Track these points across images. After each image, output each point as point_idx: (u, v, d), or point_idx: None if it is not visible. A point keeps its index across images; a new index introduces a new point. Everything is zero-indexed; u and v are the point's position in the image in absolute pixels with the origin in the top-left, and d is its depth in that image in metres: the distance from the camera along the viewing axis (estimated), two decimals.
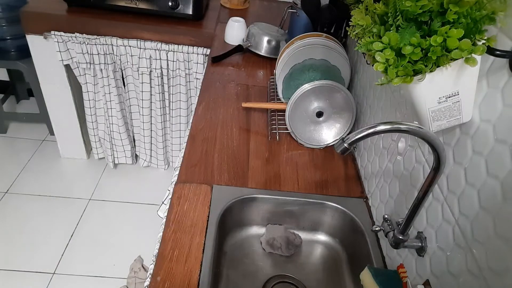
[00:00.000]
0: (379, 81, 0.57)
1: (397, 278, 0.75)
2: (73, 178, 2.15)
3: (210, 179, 0.99)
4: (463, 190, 0.62)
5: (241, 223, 1.01)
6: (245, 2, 2.02)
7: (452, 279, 0.62)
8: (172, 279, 0.76)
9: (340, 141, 0.59)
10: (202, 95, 1.31)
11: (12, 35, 2.00)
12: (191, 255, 0.81)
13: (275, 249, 0.98)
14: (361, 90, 1.16)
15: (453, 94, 0.58)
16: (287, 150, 1.14)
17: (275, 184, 1.01)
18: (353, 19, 0.60)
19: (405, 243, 0.73)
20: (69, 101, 1.96)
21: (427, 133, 0.57)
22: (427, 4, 0.52)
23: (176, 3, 1.68)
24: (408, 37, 0.53)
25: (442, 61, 0.53)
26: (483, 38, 0.52)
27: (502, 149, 0.54)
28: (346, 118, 1.15)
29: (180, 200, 0.92)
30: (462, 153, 0.63)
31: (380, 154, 0.96)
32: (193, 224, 0.87)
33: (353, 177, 1.08)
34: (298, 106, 1.12)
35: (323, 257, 1.01)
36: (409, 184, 0.80)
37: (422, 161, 0.75)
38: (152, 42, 1.71)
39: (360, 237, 0.93)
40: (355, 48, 0.61)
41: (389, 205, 0.88)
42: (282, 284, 0.93)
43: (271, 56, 1.55)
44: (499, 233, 0.53)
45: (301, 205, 0.99)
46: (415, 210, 0.68)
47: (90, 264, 1.74)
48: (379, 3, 0.58)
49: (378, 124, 0.57)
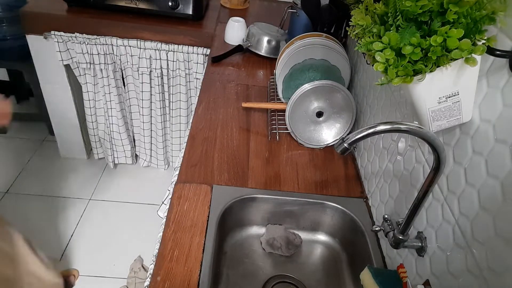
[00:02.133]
0: (379, 81, 0.57)
1: (397, 278, 0.75)
2: (73, 178, 2.15)
3: (210, 179, 0.99)
4: (463, 190, 0.62)
5: (241, 223, 1.01)
6: (245, 2, 2.02)
7: (452, 279, 0.62)
8: (172, 279, 0.76)
9: (340, 141, 0.59)
10: (202, 95, 1.31)
11: (12, 35, 2.00)
12: (191, 255, 0.81)
13: (275, 249, 0.98)
14: (361, 90, 1.16)
15: (453, 94, 0.58)
16: (287, 150, 1.14)
17: (275, 184, 1.01)
18: (353, 19, 0.60)
19: (405, 243, 0.73)
20: (69, 101, 1.96)
21: (427, 133, 0.57)
22: (427, 4, 0.52)
23: (176, 3, 1.68)
24: (408, 37, 0.53)
25: (442, 61, 0.53)
26: (483, 38, 0.52)
27: (502, 149, 0.54)
28: (346, 118, 1.15)
29: (180, 200, 0.92)
30: (462, 153, 0.63)
31: (380, 154, 0.96)
32: (193, 224, 0.87)
33: (353, 177, 1.08)
34: (298, 106, 1.12)
35: (323, 257, 1.01)
36: (409, 184, 0.80)
37: (422, 161, 0.75)
38: (152, 42, 1.70)
39: (360, 237, 0.93)
40: (355, 48, 0.61)
41: (389, 205, 0.88)
42: (282, 284, 0.93)
43: (271, 56, 1.55)
44: (499, 233, 0.53)
45: (301, 205, 0.99)
46: (415, 210, 0.68)
47: (90, 264, 1.74)
48: (379, 3, 0.58)
49: (378, 124, 0.57)
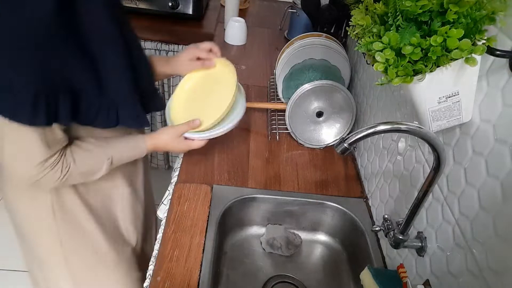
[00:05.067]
0: (379, 81, 0.57)
1: (397, 278, 0.75)
2: None
3: (210, 179, 0.99)
4: (463, 190, 0.62)
5: (241, 223, 1.01)
6: (245, 2, 2.02)
7: (452, 279, 0.62)
8: (172, 279, 0.76)
9: (340, 141, 0.59)
10: None
11: None
12: (191, 255, 0.81)
13: (275, 249, 0.98)
14: (361, 90, 1.16)
15: (453, 94, 0.58)
16: (287, 150, 1.14)
17: (275, 184, 1.01)
18: (353, 19, 0.60)
19: (405, 243, 0.73)
20: None
21: (427, 133, 0.57)
22: (427, 4, 0.52)
23: (176, 3, 1.68)
24: (408, 37, 0.53)
25: (442, 61, 0.53)
26: (483, 38, 0.52)
27: (502, 149, 0.54)
28: (346, 118, 1.15)
29: (180, 200, 0.92)
30: (462, 153, 0.63)
31: (380, 154, 0.96)
32: (193, 224, 0.87)
33: (353, 177, 1.08)
34: (298, 106, 1.12)
35: (323, 257, 1.01)
36: (409, 184, 0.80)
37: (422, 161, 0.75)
38: (152, 42, 1.70)
39: (360, 237, 0.93)
40: (355, 48, 0.61)
41: (389, 205, 0.88)
42: (282, 284, 0.93)
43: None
44: (499, 233, 0.53)
45: (301, 205, 0.99)
46: (415, 210, 0.68)
47: None
48: (379, 3, 0.58)
49: (378, 124, 0.57)
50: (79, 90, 0.67)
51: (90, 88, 0.69)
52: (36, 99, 0.60)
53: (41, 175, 0.70)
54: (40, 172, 0.69)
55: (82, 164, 0.75)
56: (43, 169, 0.69)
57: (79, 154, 0.74)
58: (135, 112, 0.80)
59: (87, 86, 0.69)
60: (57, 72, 0.63)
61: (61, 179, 0.73)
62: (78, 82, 0.67)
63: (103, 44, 0.69)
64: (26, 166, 0.69)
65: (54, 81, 0.62)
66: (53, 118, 0.64)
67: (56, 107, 0.64)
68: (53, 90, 0.63)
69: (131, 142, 0.84)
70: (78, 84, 0.67)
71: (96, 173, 0.78)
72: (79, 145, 0.75)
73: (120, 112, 0.76)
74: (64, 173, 0.72)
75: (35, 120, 0.62)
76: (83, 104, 0.69)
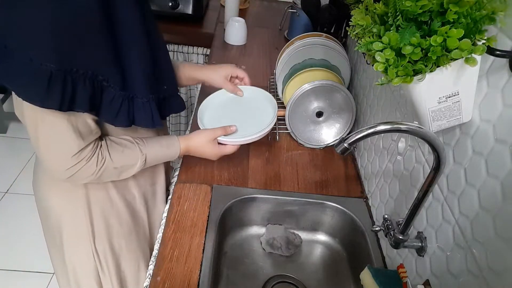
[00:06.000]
0: (379, 81, 0.57)
1: (397, 278, 0.75)
2: None
3: (210, 179, 0.99)
4: (463, 190, 0.62)
5: (241, 223, 1.01)
6: (245, 2, 2.02)
7: (452, 279, 0.62)
8: (172, 279, 0.76)
9: (340, 141, 0.59)
10: (202, 94, 1.30)
11: None
12: (191, 255, 0.81)
13: (275, 249, 0.98)
14: (361, 90, 1.16)
15: (453, 94, 0.58)
16: (287, 150, 1.14)
17: (275, 184, 1.01)
18: (353, 19, 0.60)
19: (405, 243, 0.73)
20: None
21: (427, 133, 0.57)
22: (427, 4, 0.52)
23: (176, 3, 1.68)
24: (408, 37, 0.53)
25: (442, 61, 0.53)
26: (483, 38, 0.52)
27: (502, 149, 0.54)
28: (346, 118, 1.15)
29: (180, 200, 0.92)
30: (462, 153, 0.63)
31: (380, 154, 0.96)
32: (193, 224, 0.87)
33: (353, 177, 1.08)
34: (298, 106, 1.12)
35: (323, 257, 1.01)
36: (409, 184, 0.80)
37: (422, 161, 0.75)
38: None
39: (360, 237, 0.93)
40: (355, 48, 0.61)
41: (389, 205, 0.88)
42: (282, 284, 0.93)
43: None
44: (499, 233, 0.53)
45: (301, 205, 0.99)
46: (415, 210, 0.68)
47: None
48: (379, 3, 0.58)
49: (378, 124, 0.57)
50: (101, 81, 0.67)
51: (113, 82, 0.69)
52: (52, 81, 0.60)
53: (77, 168, 0.70)
54: (76, 164, 0.69)
55: (117, 158, 0.75)
56: (78, 160, 0.69)
57: (114, 149, 0.75)
58: (150, 112, 0.79)
59: (110, 80, 0.69)
60: (82, 59, 0.63)
61: (96, 173, 0.73)
62: (102, 74, 0.67)
63: (130, 41, 0.70)
64: (61, 158, 0.69)
65: (76, 66, 0.62)
66: (67, 103, 0.64)
67: (74, 93, 0.64)
68: (72, 76, 0.62)
69: (164, 141, 0.85)
70: (102, 75, 0.67)
71: (130, 169, 0.79)
72: (115, 140, 0.76)
73: (136, 111, 0.76)
74: (100, 166, 0.73)
75: (47, 101, 0.62)
76: (106, 96, 0.70)
